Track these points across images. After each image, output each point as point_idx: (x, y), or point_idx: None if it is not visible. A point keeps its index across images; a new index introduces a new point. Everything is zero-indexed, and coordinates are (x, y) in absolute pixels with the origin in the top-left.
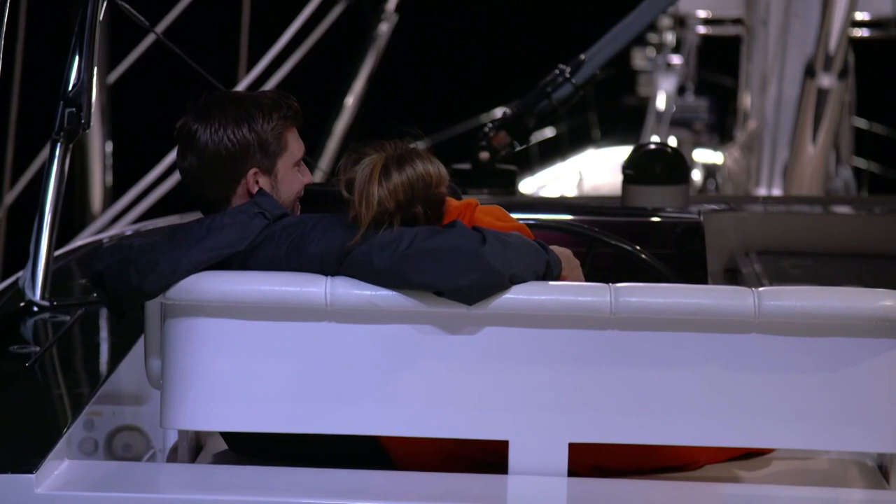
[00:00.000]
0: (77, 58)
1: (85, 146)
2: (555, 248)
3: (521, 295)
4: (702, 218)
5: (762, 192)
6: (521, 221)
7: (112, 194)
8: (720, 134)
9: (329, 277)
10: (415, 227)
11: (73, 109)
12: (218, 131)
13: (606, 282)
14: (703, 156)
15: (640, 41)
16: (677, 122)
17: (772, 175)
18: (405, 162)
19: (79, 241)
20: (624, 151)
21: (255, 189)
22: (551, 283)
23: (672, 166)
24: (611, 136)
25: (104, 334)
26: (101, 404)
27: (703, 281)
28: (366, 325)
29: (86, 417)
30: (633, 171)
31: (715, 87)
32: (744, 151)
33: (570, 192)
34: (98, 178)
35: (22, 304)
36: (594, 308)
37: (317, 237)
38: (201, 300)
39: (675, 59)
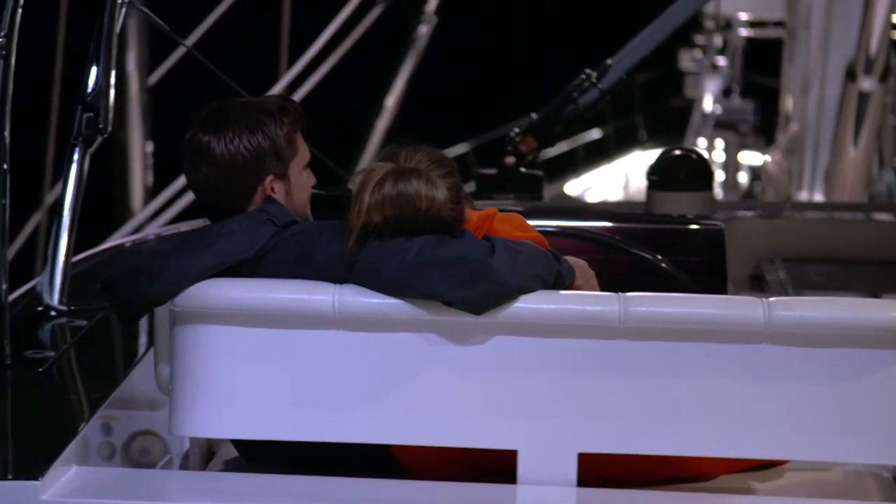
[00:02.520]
0: (95, 63)
1: (126, 146)
2: (569, 259)
3: (530, 304)
4: (723, 225)
5: (804, 195)
6: (542, 228)
7: (152, 194)
8: (766, 136)
9: (337, 285)
10: (423, 236)
11: (92, 114)
12: (233, 140)
13: (625, 290)
14: (750, 158)
15: (688, 43)
16: (723, 124)
17: (813, 179)
18: (402, 178)
19: (111, 242)
20: None
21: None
22: (560, 292)
23: (697, 172)
24: (657, 137)
25: (121, 339)
26: (119, 409)
27: (723, 289)
28: (374, 334)
29: (103, 422)
30: (658, 177)
31: (761, 89)
32: (785, 155)
33: (616, 194)
34: (138, 178)
35: (39, 309)
36: (603, 317)
37: (325, 245)
38: (209, 307)
39: (721, 61)
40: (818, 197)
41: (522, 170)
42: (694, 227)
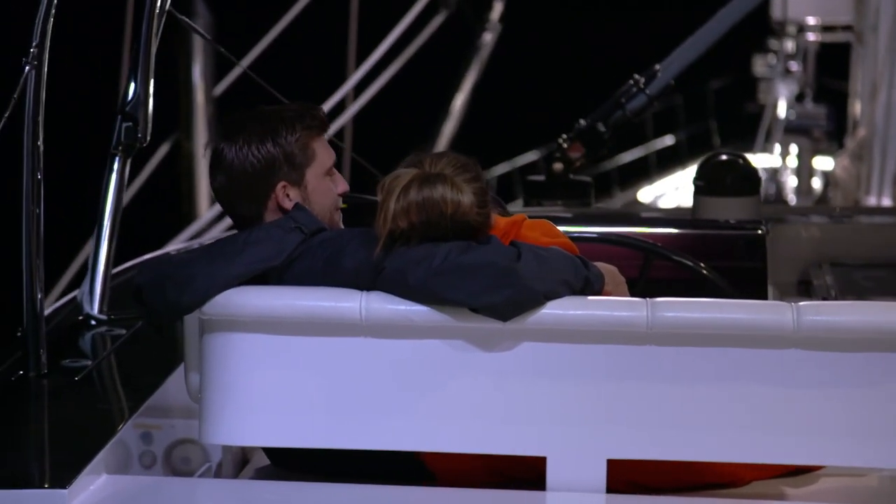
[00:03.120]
0: (134, 73)
1: (191, 155)
2: (599, 265)
3: (558, 310)
4: (764, 231)
5: (872, 200)
6: (583, 235)
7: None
8: (839, 141)
9: (364, 292)
10: (449, 242)
11: (131, 124)
12: (243, 148)
13: (664, 295)
14: (823, 163)
15: (762, 48)
16: (797, 129)
17: (882, 183)
18: (428, 184)
19: (172, 246)
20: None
21: (285, 203)
22: (588, 298)
23: (743, 177)
24: (731, 143)
25: (159, 348)
26: (158, 418)
27: (764, 294)
28: (401, 341)
29: (144, 431)
30: (704, 182)
31: (835, 93)
32: (853, 160)
33: (689, 200)
34: (204, 187)
35: (80, 318)
36: (631, 323)
37: (352, 251)
38: (237, 315)
39: (794, 66)
40: (886, 202)
41: (571, 176)
42: (734, 232)
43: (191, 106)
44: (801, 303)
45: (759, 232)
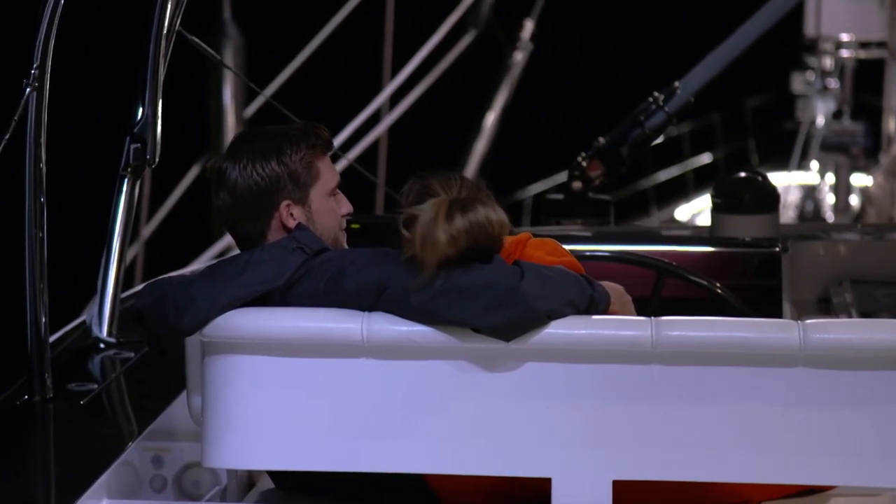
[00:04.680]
0: (142, 93)
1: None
2: (605, 284)
3: (562, 330)
4: (781, 249)
5: None
6: (597, 253)
7: None
8: (877, 158)
9: (365, 313)
10: None
11: (139, 145)
12: (247, 167)
13: (678, 314)
14: (862, 181)
15: (800, 65)
16: (834, 146)
17: None
18: (469, 208)
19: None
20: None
21: (289, 222)
22: (592, 317)
23: (761, 195)
24: (769, 161)
25: (166, 371)
26: (166, 441)
27: (779, 313)
28: (404, 362)
29: (154, 455)
30: (722, 200)
31: (873, 110)
32: (887, 176)
33: None
34: None
35: (89, 342)
36: (636, 342)
37: (354, 272)
38: (238, 337)
39: (833, 83)
40: None
41: (590, 194)
42: (750, 250)
43: (221, 127)
44: (808, 321)
45: (775, 250)
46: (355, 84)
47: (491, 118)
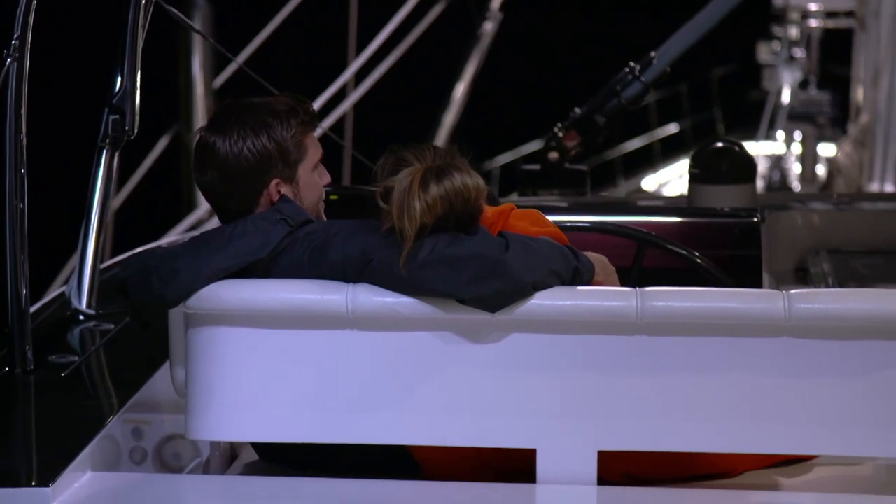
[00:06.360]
0: (120, 65)
1: (190, 145)
2: (589, 254)
3: (547, 301)
4: (760, 219)
5: (874, 186)
6: (577, 224)
7: None
8: (843, 128)
9: (350, 285)
10: (436, 234)
11: (118, 116)
12: (237, 143)
13: (658, 285)
14: (828, 150)
15: (766, 35)
16: (800, 116)
17: (884, 169)
18: (444, 174)
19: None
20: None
21: (276, 198)
22: (577, 288)
23: (738, 165)
24: (735, 130)
25: (147, 343)
26: (148, 413)
27: (759, 283)
28: (388, 333)
29: (134, 426)
30: (700, 170)
31: (839, 80)
32: (856, 146)
33: None
34: None
35: (68, 314)
36: (621, 313)
37: (339, 243)
38: (222, 309)
39: (798, 53)
40: (889, 188)
41: (566, 165)
42: (729, 220)
43: (191, 98)
44: (793, 291)
45: (755, 220)
46: (324, 56)
47: (460, 89)
